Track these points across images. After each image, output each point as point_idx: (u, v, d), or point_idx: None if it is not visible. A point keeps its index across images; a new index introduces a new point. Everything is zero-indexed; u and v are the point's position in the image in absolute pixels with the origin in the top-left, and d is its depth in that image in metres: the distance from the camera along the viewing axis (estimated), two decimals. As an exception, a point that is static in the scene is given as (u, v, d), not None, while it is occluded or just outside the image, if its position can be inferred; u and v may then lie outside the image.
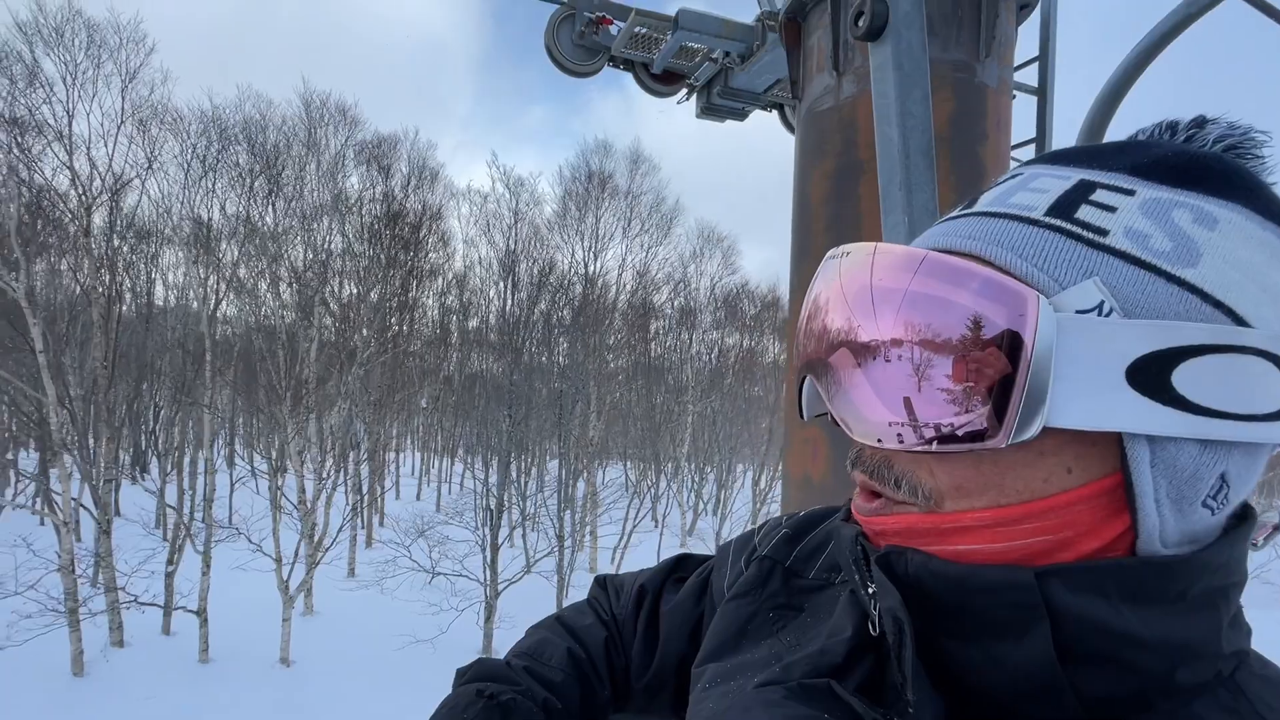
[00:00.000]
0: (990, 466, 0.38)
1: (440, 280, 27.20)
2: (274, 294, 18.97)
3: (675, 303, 28.09)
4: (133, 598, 13.26)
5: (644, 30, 4.85)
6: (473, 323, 32.25)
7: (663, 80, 5.33)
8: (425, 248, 23.63)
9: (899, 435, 0.39)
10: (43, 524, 18.53)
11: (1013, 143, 3.14)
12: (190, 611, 13.66)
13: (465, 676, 0.66)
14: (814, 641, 0.48)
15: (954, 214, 0.44)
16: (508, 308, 24.37)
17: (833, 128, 3.03)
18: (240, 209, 17.66)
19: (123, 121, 14.75)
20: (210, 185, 17.08)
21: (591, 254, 24.22)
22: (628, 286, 25.82)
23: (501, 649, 15.52)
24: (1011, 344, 0.35)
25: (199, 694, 12.57)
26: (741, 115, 5.27)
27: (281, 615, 14.00)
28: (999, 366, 0.35)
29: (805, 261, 3.23)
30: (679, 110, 5.71)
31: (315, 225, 18.82)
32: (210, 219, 17.40)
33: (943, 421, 0.38)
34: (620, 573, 0.82)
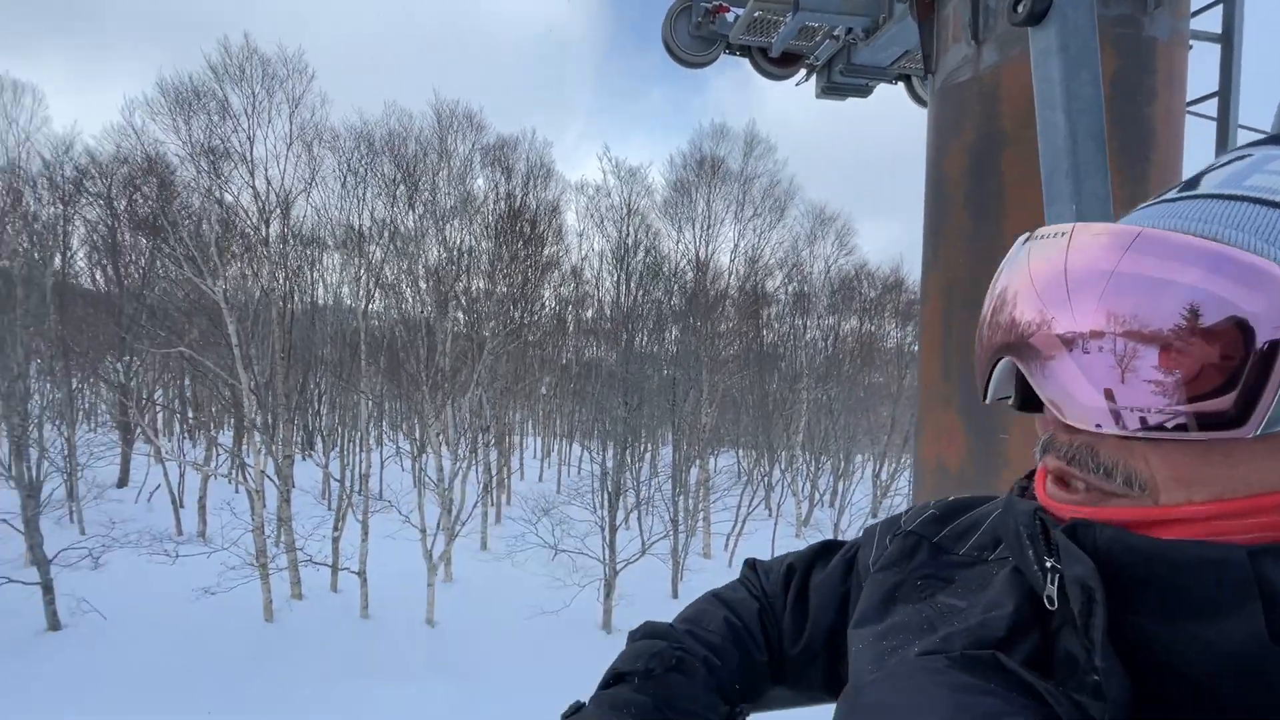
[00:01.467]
0: (1220, 457, 0.37)
1: (557, 272, 28.40)
2: (414, 291, 20.84)
3: (789, 288, 27.37)
4: (308, 557, 15.28)
5: (762, 14, 4.82)
6: (588, 312, 33.40)
7: (780, 63, 5.26)
8: (544, 242, 24.80)
9: (1120, 419, 0.38)
10: (237, 491, 21.79)
11: (1188, 99, 2.81)
12: (353, 572, 15.50)
13: (637, 635, 0.74)
14: (968, 612, 0.50)
15: (1169, 196, 0.42)
16: (620, 297, 25.00)
17: (971, 99, 2.89)
18: (386, 214, 19.54)
19: (291, 142, 16.81)
20: (361, 194, 19.05)
21: (702, 240, 24.18)
22: (739, 272, 25.52)
23: (620, 624, 16.19)
24: (1266, 329, 0.34)
25: (362, 645, 14.28)
26: (865, 92, 5.08)
27: (426, 580, 15.50)
28: (1246, 352, 0.34)
29: (940, 240, 3.11)
30: (793, 89, 5.56)
31: (448, 226, 20.40)
32: (361, 225, 19.42)
33: (1178, 408, 0.36)
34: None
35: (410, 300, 21.32)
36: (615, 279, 25.01)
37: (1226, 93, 2.81)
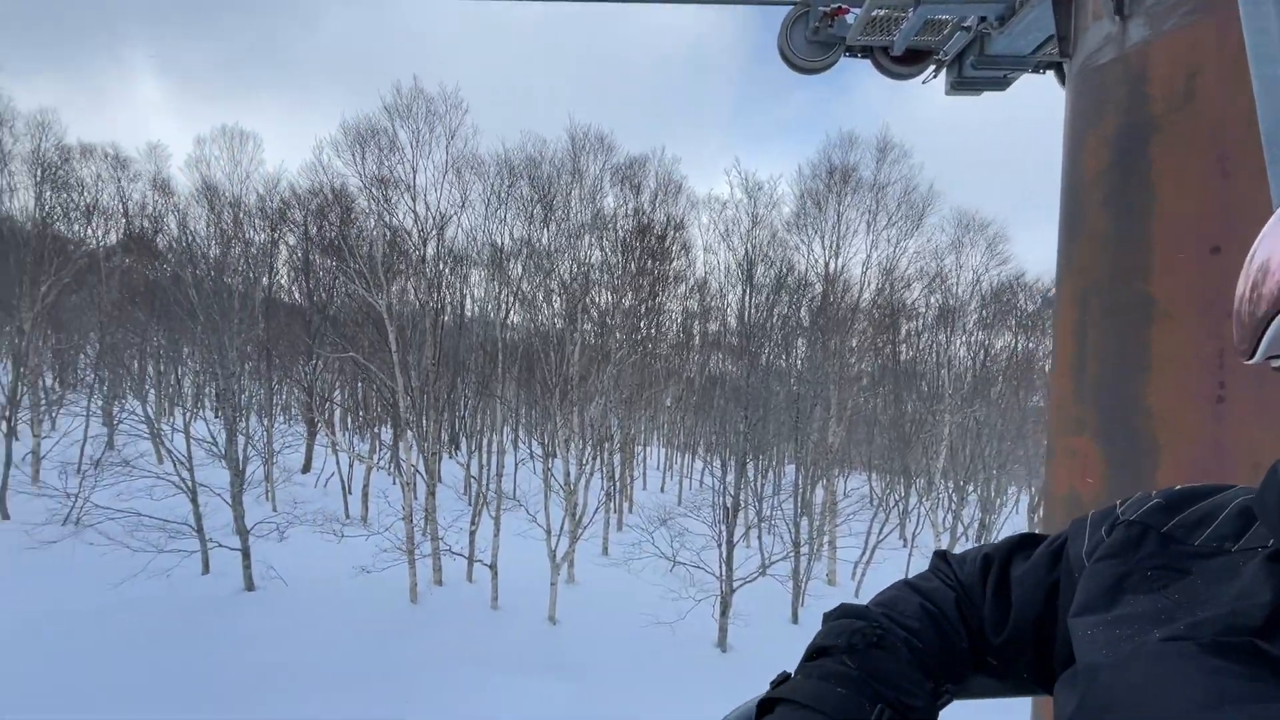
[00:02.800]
0: None
1: (683, 286, 28.73)
2: (548, 304, 22.14)
3: (931, 300, 25.40)
4: (448, 547, 16.66)
5: (883, 12, 4.59)
6: (712, 326, 33.34)
7: (904, 61, 4.97)
8: (670, 256, 25.24)
9: None
10: (393, 483, 24.35)
11: None
12: (486, 565, 16.65)
13: (834, 615, 0.75)
14: (1214, 603, 0.50)
15: None
16: (746, 311, 24.69)
17: (1114, 82, 2.56)
18: (524, 232, 21.02)
19: (446, 171, 18.68)
20: (502, 216, 20.68)
21: (832, 252, 23.23)
22: (872, 284, 24.14)
23: (736, 644, 15.84)
24: None
25: (492, 634, 15.26)
26: (1002, 84, 4.64)
27: (550, 580, 16.25)
28: None
29: (1076, 243, 2.77)
30: (935, 90, 5.23)
31: (579, 242, 21.49)
32: (502, 243, 21.05)
33: None
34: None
35: (545, 313, 22.71)
36: (741, 292, 24.77)
37: None
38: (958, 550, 0.88)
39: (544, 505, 17.44)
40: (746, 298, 24.67)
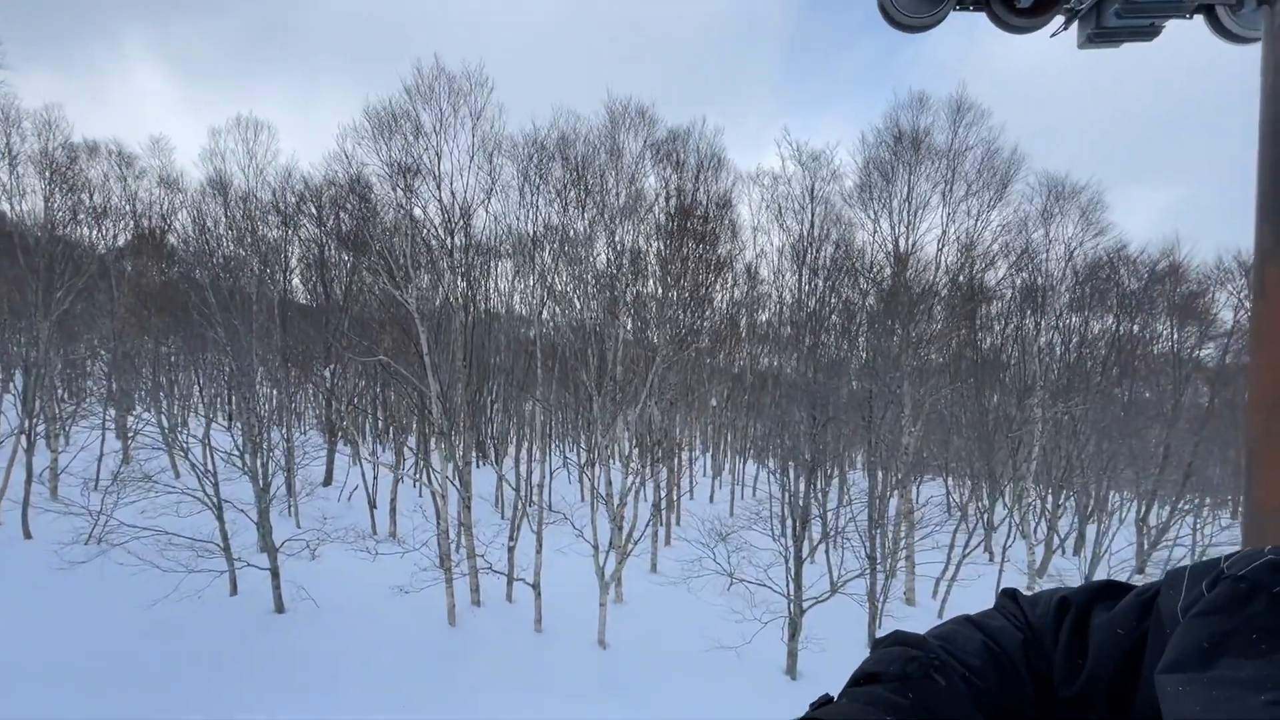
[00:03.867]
0: None
1: (730, 273, 28.56)
2: (584, 296, 22.30)
3: (1016, 280, 24.71)
4: (487, 565, 16.99)
5: (1007, -42, 4.47)
6: (762, 316, 33.08)
7: (1030, 12, 4.82)
8: (716, 239, 25.12)
9: None
10: (421, 495, 24.91)
11: None
12: (528, 584, 16.91)
13: (887, 642, 0.76)
14: None
15: None
16: (802, 297, 24.43)
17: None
18: (557, 220, 21.19)
19: (473, 155, 18.96)
20: (533, 201, 20.89)
21: (902, 228, 22.79)
22: (950, 264, 23.59)
23: (807, 670, 15.76)
24: None
25: (537, 659, 15.51)
26: (1150, 34, 4.45)
27: (599, 600, 16.41)
28: None
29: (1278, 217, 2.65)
30: (1012, 39, 5.04)
31: (616, 228, 21.56)
32: (534, 232, 21.27)
33: None
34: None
35: (579, 306, 22.89)
36: (796, 277, 24.53)
37: None
38: (1039, 587, 0.85)
39: (590, 518, 17.60)
40: (802, 283, 24.41)
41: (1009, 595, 0.88)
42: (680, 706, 13.94)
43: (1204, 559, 0.71)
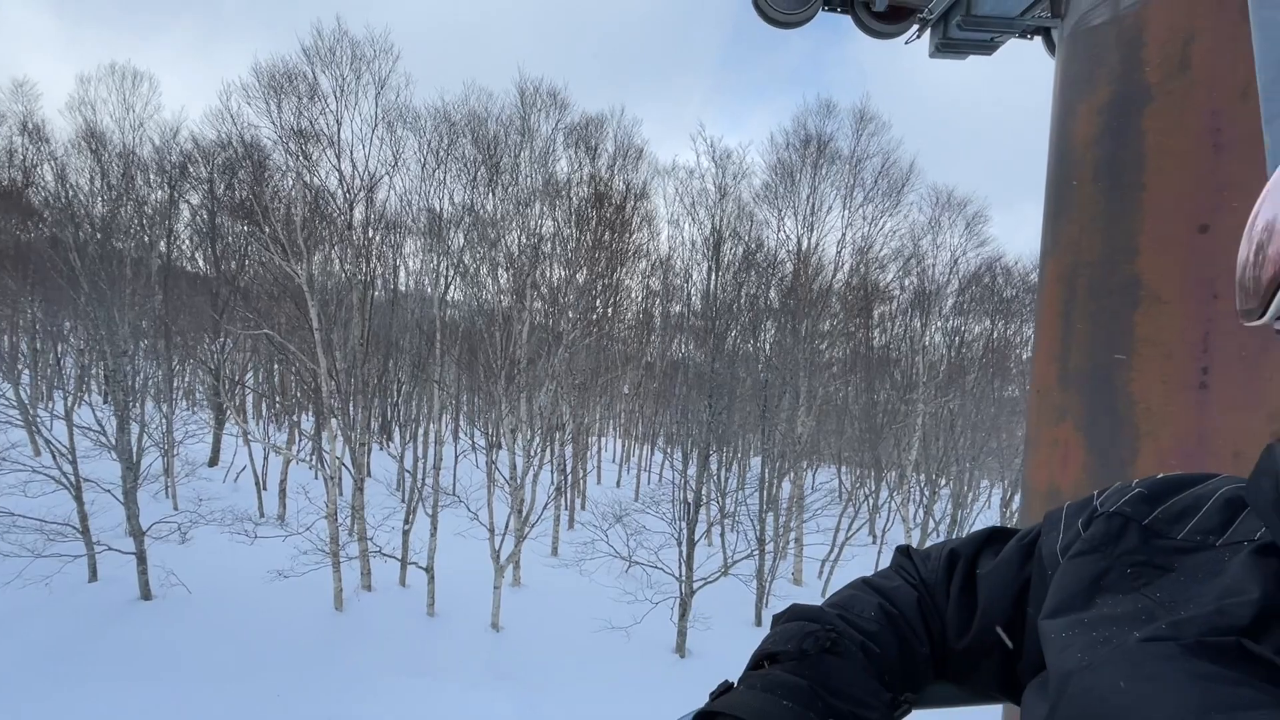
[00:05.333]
0: None
1: (644, 263, 28.68)
2: (493, 278, 21.77)
3: (906, 283, 26.07)
4: (378, 549, 16.36)
5: (865, -37, 4.58)
6: (675, 307, 33.44)
7: (887, 18, 4.98)
8: (630, 229, 25.11)
9: None
10: (315, 477, 23.69)
11: None
12: (421, 568, 16.41)
13: (784, 617, 0.74)
14: (1199, 601, 0.49)
15: None
16: (711, 290, 24.84)
17: (1108, 46, 2.61)
18: (466, 198, 20.53)
19: (376, 125, 18.05)
20: (441, 178, 20.13)
21: (805, 229, 23.54)
22: (846, 265, 24.61)
23: (695, 649, 16.14)
24: None
25: (427, 644, 15.10)
26: (989, 48, 4.71)
27: (493, 583, 16.15)
28: None
29: (1063, 219, 2.84)
30: (902, 59, 5.22)
31: (528, 210, 21.14)
32: (441, 209, 20.52)
33: None
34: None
35: (489, 288, 22.32)
36: (706, 270, 24.90)
37: None
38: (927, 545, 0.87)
39: (487, 502, 17.27)
40: (712, 276, 24.81)
41: (903, 552, 0.86)
42: (570, 688, 13.96)
43: (1079, 498, 0.70)
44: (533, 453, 18.71)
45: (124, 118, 22.73)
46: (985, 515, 25.66)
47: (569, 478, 23.63)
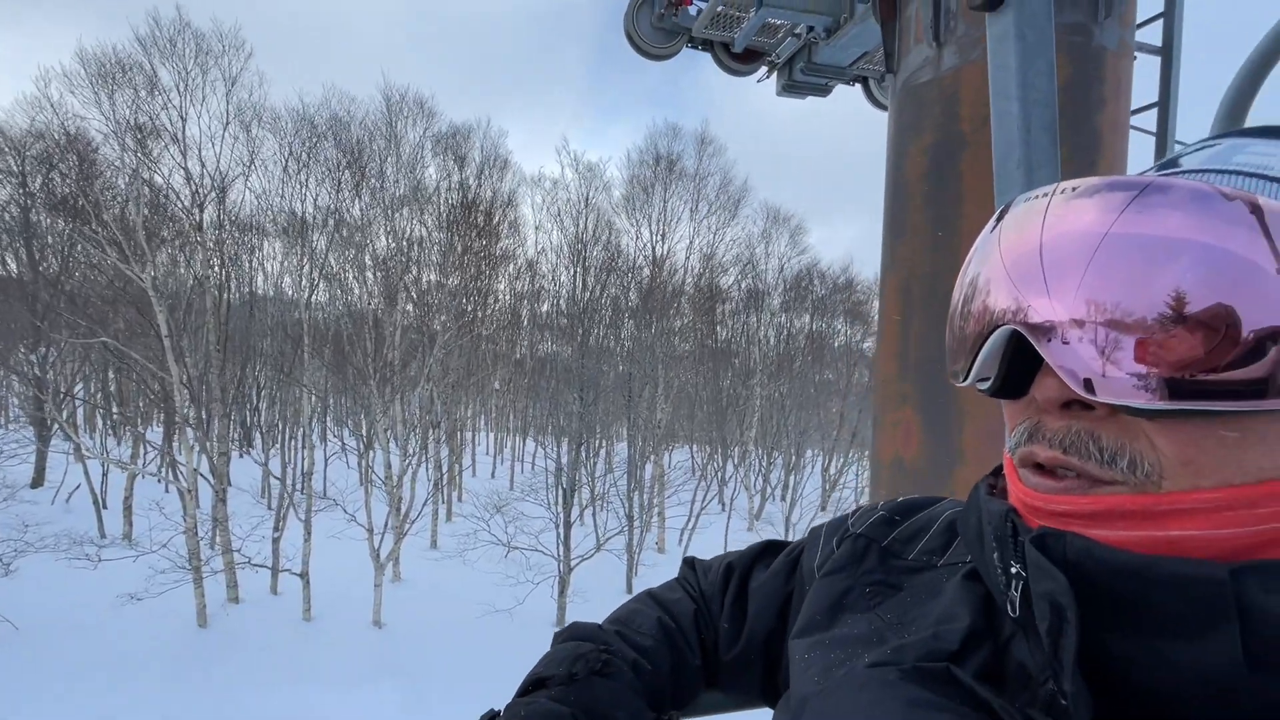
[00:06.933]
0: (1235, 437, 0.34)
1: (512, 266, 27.97)
2: (360, 282, 20.11)
3: (743, 285, 27.74)
4: (246, 559, 14.57)
5: (725, 9, 4.80)
6: (543, 307, 32.98)
7: (743, 59, 5.26)
8: (498, 234, 24.34)
9: (1144, 389, 0.34)
10: (167, 491, 20.58)
11: (1132, 108, 2.93)
12: (294, 574, 14.86)
13: (562, 637, 0.70)
14: (920, 623, 0.49)
15: (1154, 176, 0.38)
16: (577, 292, 24.78)
17: (932, 100, 2.93)
18: (330, 202, 18.75)
19: (228, 123, 15.91)
20: (304, 180, 18.22)
21: (659, 237, 24.24)
22: (694, 269, 25.71)
23: (575, 619, 16.11)
24: None
25: (304, 649, 13.72)
26: (825, 91, 5.14)
27: (374, 581, 15.01)
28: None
29: (899, 241, 3.16)
30: (745, 88, 5.52)
31: (397, 215, 19.75)
32: (304, 212, 18.57)
33: (1208, 376, 0.32)
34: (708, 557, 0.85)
35: (357, 291, 20.59)
36: (572, 274, 24.79)
37: (1165, 105, 2.94)
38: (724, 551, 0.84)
39: (364, 502, 16.01)
40: (577, 279, 24.75)
41: (688, 564, 0.83)
42: (455, 673, 13.36)
43: (837, 515, 0.69)
44: (410, 451, 17.60)
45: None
46: (813, 479, 28.05)
47: (445, 473, 22.53)
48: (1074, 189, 0.38)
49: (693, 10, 5.11)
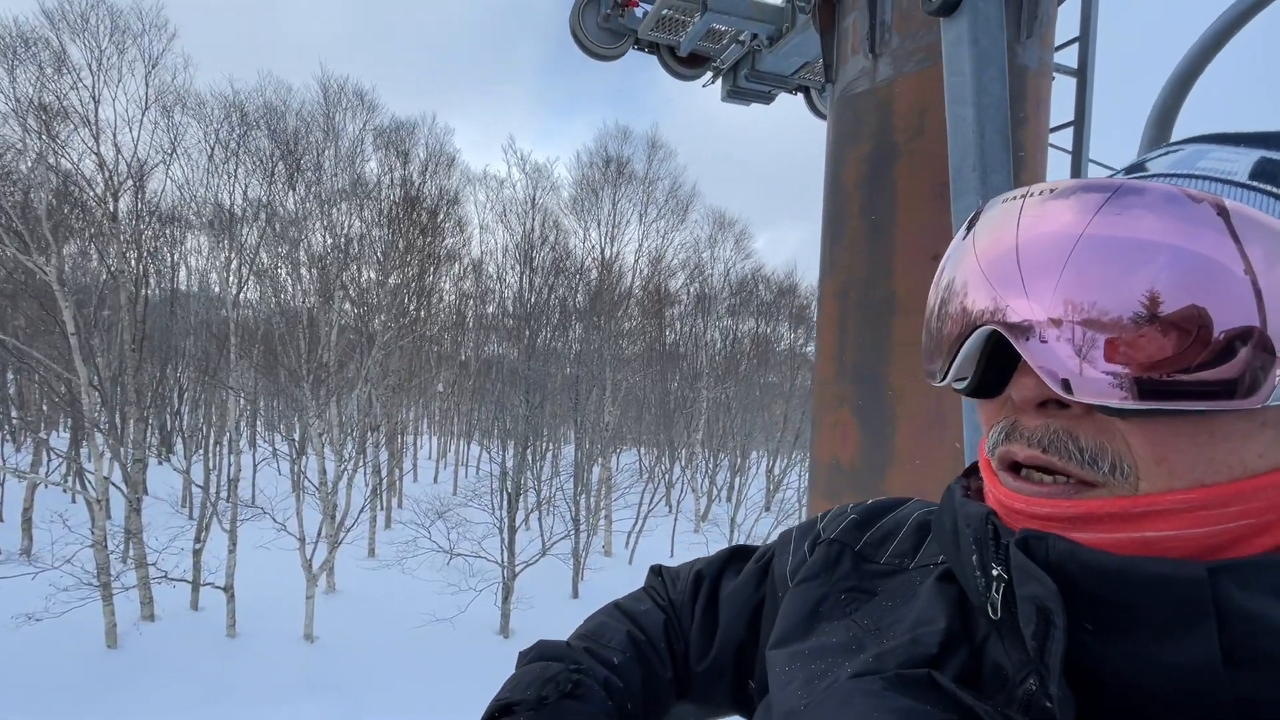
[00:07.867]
0: (1206, 436, 0.35)
1: (457, 266, 27.34)
2: (294, 278, 19.19)
3: (690, 289, 28.02)
4: (163, 573, 13.63)
5: (671, 13, 4.81)
6: (489, 308, 32.39)
7: (688, 63, 5.30)
8: (442, 233, 23.73)
9: (1119, 388, 0.34)
10: (74, 501, 19.06)
11: (1050, 125, 3.09)
12: (218, 588, 14.01)
13: (528, 657, 0.66)
14: (897, 627, 0.49)
15: (1125, 179, 0.39)
16: (524, 293, 24.45)
17: (868, 111, 3.01)
18: (262, 194, 17.83)
19: (147, 107, 14.90)
20: (232, 170, 17.25)
21: (608, 239, 24.20)
22: (643, 272, 25.81)
23: (519, 628, 15.80)
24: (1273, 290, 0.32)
25: (227, 667, 12.94)
26: (768, 98, 5.23)
27: (305, 593, 14.32)
28: (1252, 312, 0.32)
29: (837, 246, 3.23)
30: (696, 90, 5.57)
31: (334, 210, 18.97)
32: (232, 204, 17.59)
33: (1182, 376, 0.33)
34: (674, 565, 0.82)
35: (290, 289, 19.65)
36: (519, 274, 24.44)
37: (1081, 123, 3.12)
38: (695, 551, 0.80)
39: (296, 510, 15.26)
40: (524, 280, 24.42)
41: (655, 572, 0.80)
42: (394, 686, 12.89)
43: (807, 519, 0.68)
44: (346, 456, 16.89)
45: None
46: (757, 481, 28.56)
47: (384, 479, 21.75)
48: (1050, 190, 0.39)
49: (639, 12, 5.10)
